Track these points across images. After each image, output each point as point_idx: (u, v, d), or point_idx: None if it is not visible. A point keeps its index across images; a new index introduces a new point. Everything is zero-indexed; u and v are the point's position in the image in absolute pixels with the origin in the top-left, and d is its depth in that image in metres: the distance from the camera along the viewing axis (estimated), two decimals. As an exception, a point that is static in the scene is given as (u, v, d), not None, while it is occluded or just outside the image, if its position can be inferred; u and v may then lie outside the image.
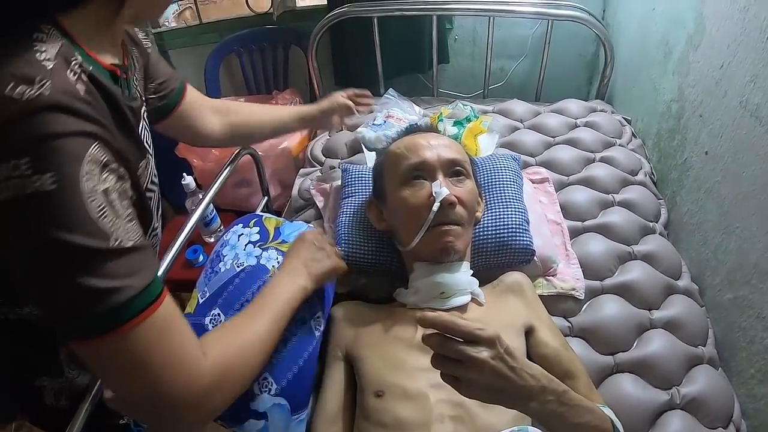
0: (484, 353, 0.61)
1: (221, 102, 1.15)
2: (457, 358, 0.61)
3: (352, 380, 0.89)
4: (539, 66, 1.79)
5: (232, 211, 1.87)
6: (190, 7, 2.29)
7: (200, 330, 0.84)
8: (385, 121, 1.54)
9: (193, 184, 1.71)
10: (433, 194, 0.90)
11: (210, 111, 1.08)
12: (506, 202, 1.10)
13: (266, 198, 1.62)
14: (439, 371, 0.63)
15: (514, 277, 1.00)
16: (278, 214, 1.75)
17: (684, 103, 1.31)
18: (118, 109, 0.61)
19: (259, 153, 1.44)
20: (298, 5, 2.06)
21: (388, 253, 1.06)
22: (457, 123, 1.42)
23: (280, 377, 0.84)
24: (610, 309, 1.06)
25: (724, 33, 1.13)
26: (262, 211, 1.58)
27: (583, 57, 2.04)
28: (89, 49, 0.57)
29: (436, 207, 0.88)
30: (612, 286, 1.11)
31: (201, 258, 1.72)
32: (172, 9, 2.36)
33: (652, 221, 1.29)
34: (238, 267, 0.94)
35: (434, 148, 0.96)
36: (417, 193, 0.92)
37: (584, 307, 1.08)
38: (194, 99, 1.03)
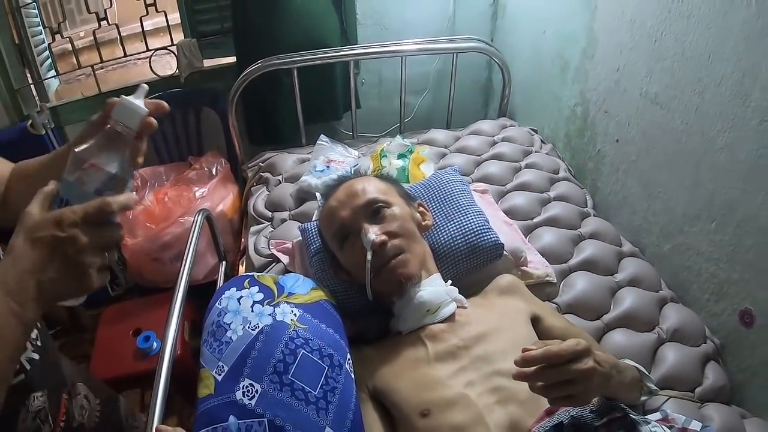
0: (590, 362, 0.71)
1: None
2: (570, 378, 0.70)
3: (385, 416, 0.98)
4: (440, 98, 2.05)
5: (169, 290, 1.80)
6: (79, 79, 2.21)
7: (234, 408, 0.85)
8: (328, 167, 1.68)
9: (128, 266, 1.66)
10: (364, 245, 1.04)
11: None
12: (463, 209, 1.27)
13: (224, 263, 1.64)
14: (547, 397, 0.73)
15: (506, 279, 1.17)
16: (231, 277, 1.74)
17: (587, 105, 1.67)
18: None
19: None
20: (205, 65, 2.09)
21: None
22: (401, 156, 1.62)
23: (340, 429, 0.87)
24: (582, 283, 1.31)
25: (615, 42, 1.50)
26: (224, 277, 1.59)
27: (477, 83, 2.38)
28: None
29: (369, 255, 1.02)
30: (576, 264, 1.37)
31: (155, 345, 1.64)
32: (55, 85, 2.29)
33: (584, 207, 1.60)
34: (253, 330, 0.94)
35: (346, 204, 1.09)
36: (353, 251, 1.08)
37: (561, 287, 1.32)
38: None
